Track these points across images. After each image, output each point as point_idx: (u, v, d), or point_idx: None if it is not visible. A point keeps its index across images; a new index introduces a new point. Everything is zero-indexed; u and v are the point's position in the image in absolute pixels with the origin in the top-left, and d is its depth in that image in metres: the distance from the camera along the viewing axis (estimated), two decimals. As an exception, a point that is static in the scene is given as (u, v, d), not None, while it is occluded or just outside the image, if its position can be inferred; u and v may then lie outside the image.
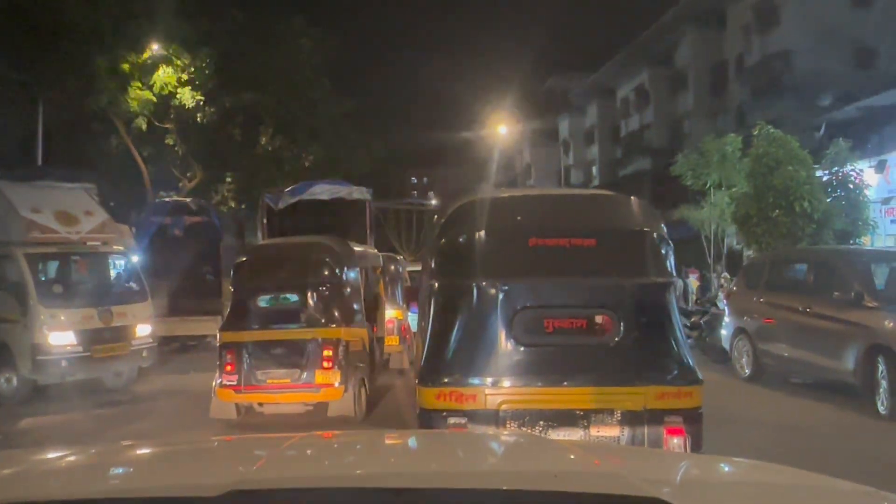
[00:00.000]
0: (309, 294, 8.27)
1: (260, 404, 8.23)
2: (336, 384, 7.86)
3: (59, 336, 9.63)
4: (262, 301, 8.32)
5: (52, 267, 10.78)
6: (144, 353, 10.63)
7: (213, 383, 8.14)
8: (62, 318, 9.71)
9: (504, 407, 4.77)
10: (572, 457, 2.16)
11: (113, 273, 11.37)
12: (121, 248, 11.16)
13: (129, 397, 10.52)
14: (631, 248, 5.09)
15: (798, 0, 29.68)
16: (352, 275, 8.86)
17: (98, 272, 11.01)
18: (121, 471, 2.02)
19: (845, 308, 9.00)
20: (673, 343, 4.97)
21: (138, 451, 2.37)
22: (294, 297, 8.34)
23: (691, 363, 4.97)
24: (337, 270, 8.45)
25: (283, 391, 7.97)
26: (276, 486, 1.58)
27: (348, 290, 8.63)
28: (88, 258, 10.84)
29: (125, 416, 9.32)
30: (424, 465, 2.07)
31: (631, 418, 4.71)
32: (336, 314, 8.22)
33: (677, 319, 5.12)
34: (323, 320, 8.15)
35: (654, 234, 5.10)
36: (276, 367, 7.94)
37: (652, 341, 4.95)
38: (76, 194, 10.78)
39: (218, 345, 8.22)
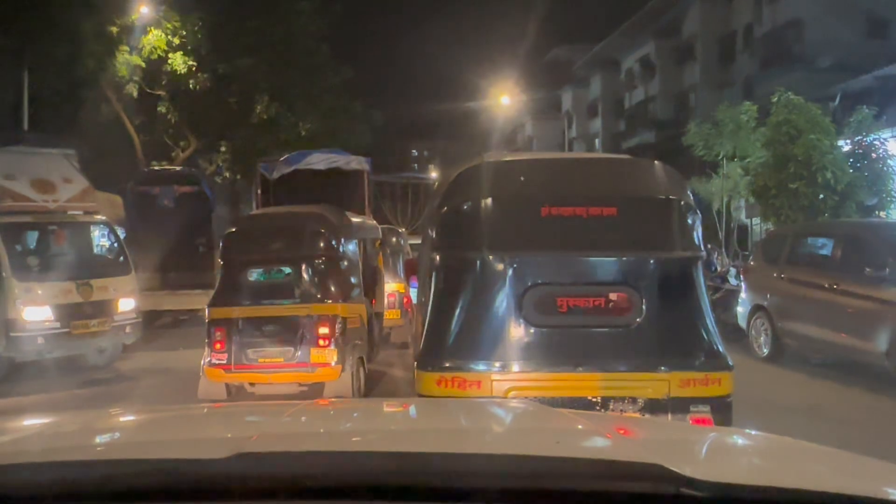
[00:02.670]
0: (303, 267, 7.76)
1: (251, 384, 7.73)
2: (333, 363, 7.37)
3: (35, 311, 9.05)
4: (254, 274, 7.80)
5: (27, 238, 10.11)
6: (128, 329, 10.05)
7: (202, 362, 7.65)
8: (38, 292, 9.13)
9: (512, 394, 4.34)
10: (574, 425, 2.14)
11: (94, 244, 10.75)
12: (102, 217, 10.51)
13: (112, 375, 10.01)
14: (655, 218, 4.58)
15: (809, -32, 28.92)
16: (349, 247, 8.35)
17: (77, 243, 10.35)
18: (124, 435, 2.03)
19: (879, 285, 8.40)
20: (700, 324, 4.50)
21: (140, 417, 2.38)
22: (288, 271, 7.83)
23: (720, 347, 4.51)
24: (333, 242, 7.92)
25: (275, 371, 7.50)
26: (282, 450, 1.59)
27: (346, 263, 8.12)
28: (67, 228, 10.18)
29: (107, 396, 8.83)
30: (429, 430, 2.08)
31: (653, 407, 4.30)
32: (332, 289, 7.72)
33: (706, 298, 4.64)
34: (318, 295, 7.64)
35: (681, 203, 4.59)
36: (268, 346, 7.46)
37: (677, 322, 4.48)
38: (54, 160, 10.10)
39: (206, 321, 7.72)
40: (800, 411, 7.58)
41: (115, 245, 10.59)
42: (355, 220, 9.33)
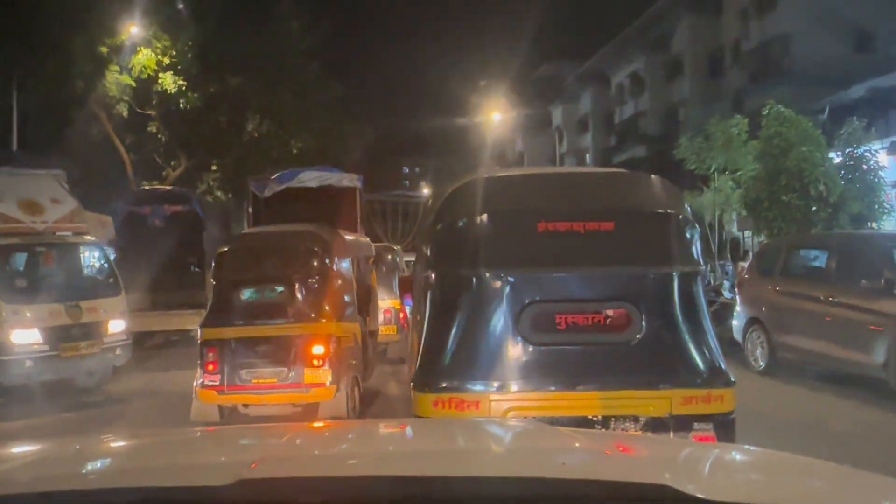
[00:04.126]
0: (297, 286, 7.66)
1: (245, 406, 7.60)
2: (327, 384, 7.29)
3: (23, 334, 8.89)
4: (247, 294, 7.70)
5: (15, 259, 9.98)
6: (118, 351, 9.89)
7: (194, 383, 7.53)
8: (26, 314, 8.98)
9: (511, 414, 4.19)
10: (577, 444, 2.15)
11: (83, 265, 10.62)
12: (92, 238, 10.39)
13: (102, 399, 9.84)
14: (653, 232, 4.48)
15: (796, -18, 29.25)
16: (343, 265, 8.28)
17: (66, 264, 10.21)
18: (119, 462, 1.99)
19: (874, 297, 8.37)
20: (702, 340, 4.39)
21: (135, 442, 2.32)
22: (281, 290, 7.73)
23: (722, 363, 4.40)
24: (327, 260, 7.85)
25: (269, 391, 7.40)
26: (284, 475, 1.58)
27: (339, 281, 8.02)
28: (55, 249, 10.05)
29: (97, 419, 8.65)
30: (432, 451, 2.03)
31: (655, 425, 4.17)
32: (326, 308, 7.64)
33: (706, 313, 4.54)
34: (312, 315, 7.56)
35: (680, 217, 4.51)
36: (262, 366, 7.36)
37: (678, 338, 4.36)
38: (43, 181, 9.99)
39: (199, 342, 7.60)
40: (797, 425, 7.51)
41: (105, 266, 10.46)
42: (349, 237, 9.25)
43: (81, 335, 9.34)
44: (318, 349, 7.33)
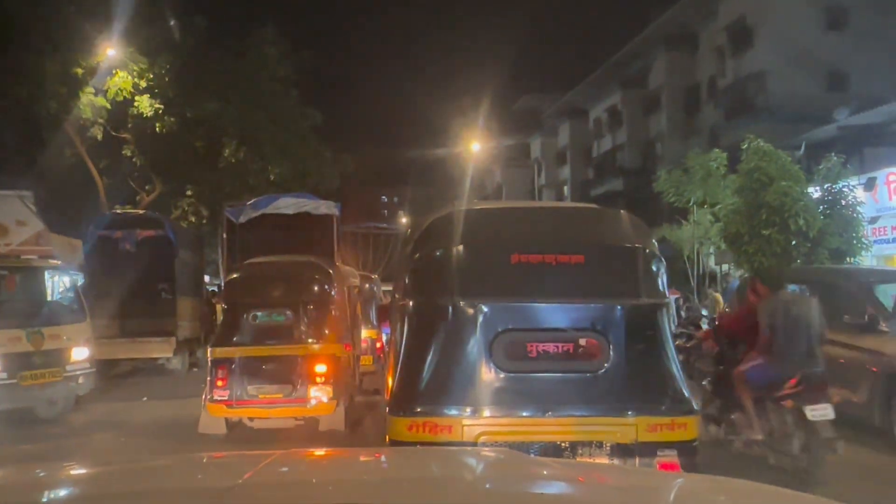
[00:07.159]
0: (301, 311, 8.49)
1: (250, 419, 8.29)
2: (328, 399, 8.03)
3: None
4: (255, 317, 8.47)
5: (-25, 283, 9.66)
6: (81, 380, 9.59)
7: (203, 399, 8.16)
8: (-15, 340, 8.64)
9: (483, 438, 4.39)
10: (551, 473, 2.15)
11: (47, 290, 10.28)
12: (57, 262, 10.06)
13: (63, 430, 9.48)
14: (621, 265, 4.73)
15: (771, 22, 29.79)
16: (340, 294, 9.02)
17: (29, 289, 9.92)
18: (85, 489, 1.94)
19: (858, 333, 8.26)
20: (666, 370, 4.61)
21: (99, 470, 2.26)
22: (287, 314, 8.54)
23: (686, 392, 4.60)
24: (327, 288, 8.67)
25: (275, 406, 8.13)
26: None
27: (337, 308, 8.79)
28: (18, 273, 9.73)
29: (58, 451, 8.35)
30: (409, 481, 2.00)
31: (621, 451, 4.41)
32: (327, 331, 8.47)
33: (671, 344, 4.76)
34: (315, 337, 8.37)
35: (646, 251, 4.73)
36: (268, 383, 8.09)
37: (644, 368, 4.59)
38: (8, 202, 9.74)
39: (209, 360, 8.28)
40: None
41: (70, 291, 10.14)
42: (343, 269, 10.13)
43: (43, 363, 9.08)
44: (320, 368, 8.08)
